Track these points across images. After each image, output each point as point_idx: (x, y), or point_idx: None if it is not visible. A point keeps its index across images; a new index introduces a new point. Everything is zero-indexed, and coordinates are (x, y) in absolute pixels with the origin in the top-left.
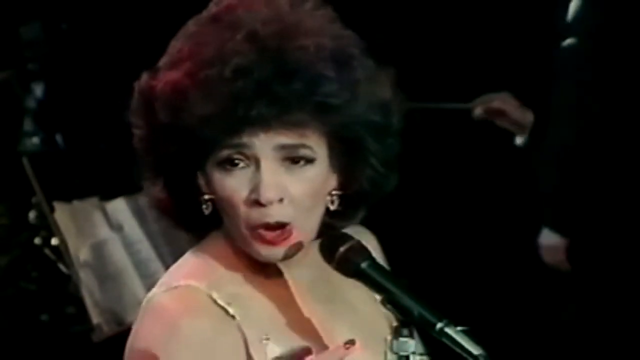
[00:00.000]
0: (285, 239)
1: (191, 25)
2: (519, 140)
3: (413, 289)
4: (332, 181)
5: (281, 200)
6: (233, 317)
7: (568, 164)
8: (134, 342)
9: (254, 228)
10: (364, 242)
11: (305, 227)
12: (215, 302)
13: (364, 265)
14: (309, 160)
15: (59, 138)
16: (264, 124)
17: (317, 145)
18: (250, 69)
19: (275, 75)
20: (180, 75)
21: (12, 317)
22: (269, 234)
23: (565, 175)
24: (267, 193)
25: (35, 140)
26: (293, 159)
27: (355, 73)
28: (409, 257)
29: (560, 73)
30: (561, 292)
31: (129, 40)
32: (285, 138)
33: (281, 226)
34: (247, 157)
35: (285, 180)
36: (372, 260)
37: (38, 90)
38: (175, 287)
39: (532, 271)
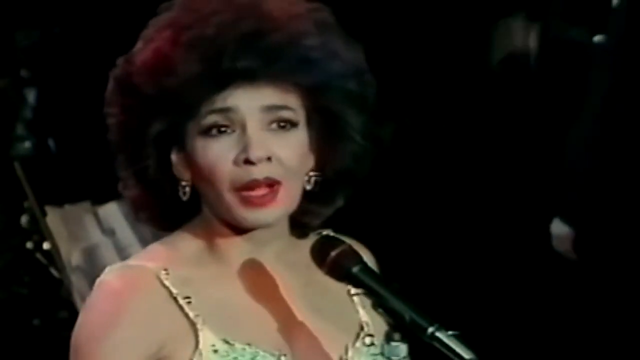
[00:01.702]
0: (272, 199)
1: (163, 12)
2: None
3: (405, 293)
4: (310, 161)
5: (269, 159)
6: (175, 298)
7: (588, 157)
8: (81, 317)
9: (240, 189)
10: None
11: (291, 189)
12: (161, 282)
13: (355, 269)
14: (293, 124)
15: (51, 143)
16: (250, 77)
17: (298, 110)
18: (232, 24)
19: (257, 29)
20: (161, 42)
21: (4, 321)
22: (255, 194)
23: (584, 168)
24: (257, 151)
25: (27, 144)
26: (278, 122)
27: (332, 34)
28: (406, 260)
29: (591, 69)
30: (561, 296)
31: (122, 44)
32: (270, 98)
33: (269, 184)
34: (233, 123)
35: (272, 144)
36: (364, 264)
37: (31, 95)
38: (126, 266)
39: (527, 276)
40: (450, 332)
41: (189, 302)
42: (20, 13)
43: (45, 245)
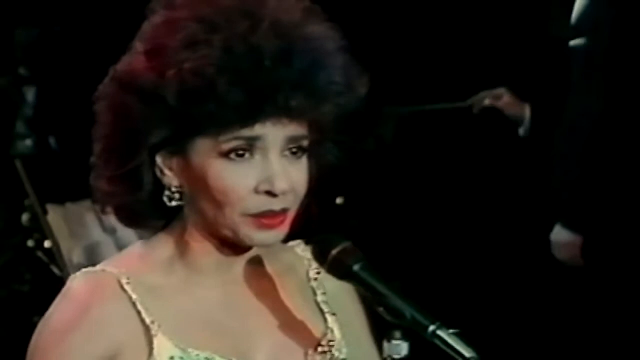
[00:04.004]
0: (282, 222)
1: (178, 10)
2: (521, 131)
3: (406, 292)
4: None
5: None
6: (135, 304)
7: (583, 163)
8: (41, 324)
9: (255, 215)
10: (344, 283)
11: (295, 212)
12: (122, 287)
13: (356, 267)
14: (305, 151)
15: (52, 141)
16: (294, 114)
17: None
18: (292, 57)
19: (312, 65)
20: (202, 63)
21: (5, 319)
22: (267, 220)
23: (581, 172)
24: (282, 185)
25: (28, 142)
26: (292, 149)
27: (349, 61)
28: (406, 258)
29: (571, 72)
30: (561, 293)
31: (123, 42)
32: (295, 130)
33: (279, 215)
34: (254, 149)
35: (289, 172)
36: (365, 262)
37: (31, 93)
38: (90, 272)
39: (528, 273)
40: (451, 331)
41: (147, 308)
42: (19, 11)
43: (47, 244)
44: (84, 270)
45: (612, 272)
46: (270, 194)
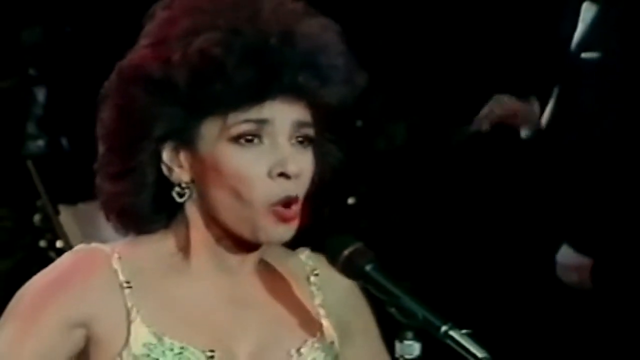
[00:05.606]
0: (295, 216)
1: (178, 7)
2: (523, 133)
3: (417, 292)
4: None
5: (299, 176)
6: (121, 285)
7: (592, 179)
8: (29, 282)
9: (273, 204)
10: (347, 290)
11: (301, 204)
12: (110, 265)
13: (368, 268)
14: (311, 141)
15: (63, 141)
16: (300, 93)
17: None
18: (295, 39)
19: (314, 48)
20: (208, 44)
21: None
22: (288, 211)
23: (590, 190)
24: (294, 166)
25: (39, 143)
26: (297, 138)
27: (348, 54)
28: (414, 260)
29: (581, 85)
30: (572, 291)
31: (133, 41)
32: (301, 114)
33: (295, 201)
34: (263, 134)
35: (297, 157)
36: (377, 263)
37: (41, 94)
38: (84, 246)
39: (538, 275)
40: (463, 331)
41: (132, 292)
42: (25, 11)
43: (59, 244)
44: (80, 245)
45: (624, 294)
46: (284, 175)
